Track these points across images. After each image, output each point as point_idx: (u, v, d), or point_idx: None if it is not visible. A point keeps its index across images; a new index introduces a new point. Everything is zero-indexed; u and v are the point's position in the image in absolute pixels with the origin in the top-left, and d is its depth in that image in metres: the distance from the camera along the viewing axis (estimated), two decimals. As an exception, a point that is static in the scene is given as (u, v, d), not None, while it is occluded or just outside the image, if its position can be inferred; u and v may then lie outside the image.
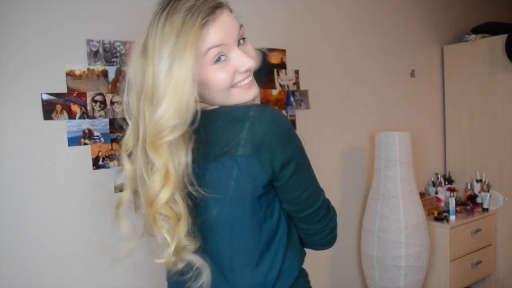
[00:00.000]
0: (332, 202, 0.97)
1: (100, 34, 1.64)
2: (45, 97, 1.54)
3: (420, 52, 2.88)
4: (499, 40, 2.67)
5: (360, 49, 2.52)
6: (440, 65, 3.03)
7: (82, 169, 1.62)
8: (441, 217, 2.54)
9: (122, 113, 1.74)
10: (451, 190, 2.78)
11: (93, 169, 1.64)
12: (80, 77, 1.61)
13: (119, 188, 1.69)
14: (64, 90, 1.58)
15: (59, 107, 1.56)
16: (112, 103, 1.68)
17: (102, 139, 1.66)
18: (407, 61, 2.80)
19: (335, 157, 2.43)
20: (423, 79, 2.90)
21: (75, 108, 1.60)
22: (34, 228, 1.53)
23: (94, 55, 1.63)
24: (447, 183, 2.88)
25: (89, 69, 1.63)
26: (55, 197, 1.57)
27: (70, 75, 1.59)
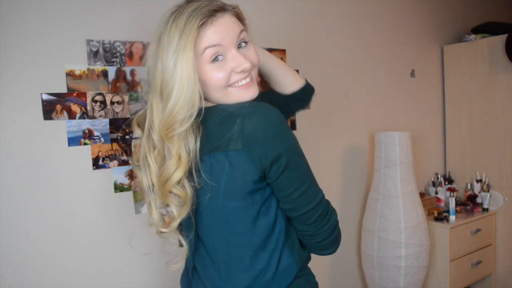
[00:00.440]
0: (332, 202, 0.96)
1: (100, 34, 1.64)
2: (45, 97, 1.54)
3: (420, 52, 2.88)
4: (499, 40, 2.67)
5: (360, 49, 2.52)
6: (440, 65, 3.03)
7: (82, 169, 1.62)
8: (441, 217, 2.54)
9: (122, 113, 1.76)
10: (451, 190, 2.78)
11: (93, 169, 1.64)
12: (80, 77, 1.61)
13: (119, 188, 1.69)
14: (64, 90, 1.58)
15: (59, 107, 1.56)
16: (112, 103, 1.68)
17: (102, 139, 1.66)
18: (407, 61, 2.80)
19: (335, 157, 2.43)
20: (423, 79, 2.90)
21: (75, 108, 1.60)
22: (34, 228, 1.53)
23: (94, 55, 1.63)
24: (447, 183, 2.88)
25: (89, 69, 1.63)
26: (55, 197, 1.57)
27: (70, 75, 1.59)
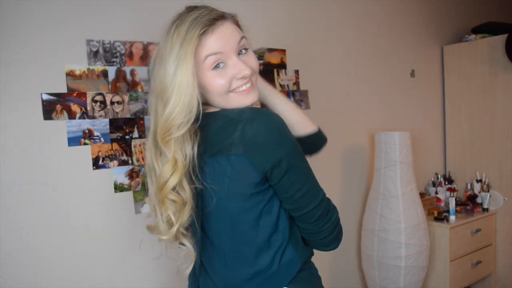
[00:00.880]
0: (332, 202, 0.99)
1: (100, 34, 1.64)
2: (45, 97, 1.54)
3: (420, 52, 2.88)
4: (499, 40, 2.67)
5: (360, 49, 2.52)
6: (440, 65, 3.03)
7: (82, 169, 1.62)
8: (441, 217, 2.54)
9: (122, 113, 1.76)
10: (451, 190, 2.78)
11: (93, 169, 1.64)
12: (80, 77, 1.61)
13: (119, 188, 1.69)
14: (64, 90, 1.58)
15: (59, 107, 1.56)
16: (112, 103, 1.68)
17: (102, 139, 1.66)
18: (407, 61, 2.80)
19: (335, 157, 2.43)
20: (423, 79, 2.90)
21: (75, 108, 1.60)
22: (34, 228, 1.53)
23: (94, 55, 1.63)
24: (447, 183, 2.88)
25: (89, 69, 1.63)
26: (55, 197, 1.57)
27: (70, 75, 1.59)
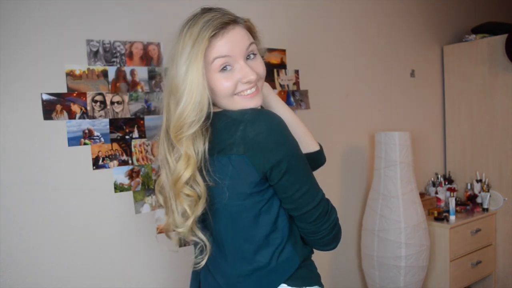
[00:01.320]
0: (332, 202, 0.99)
1: (100, 34, 1.64)
2: (45, 97, 1.54)
3: (420, 52, 2.88)
4: (499, 40, 2.67)
5: (360, 49, 2.52)
6: (440, 65, 3.03)
7: (82, 169, 1.62)
8: (441, 217, 2.54)
9: (122, 113, 1.76)
10: (451, 190, 2.78)
11: (93, 169, 1.64)
12: (80, 77, 1.61)
13: (119, 188, 1.69)
14: (64, 90, 1.58)
15: (59, 107, 1.56)
16: (112, 103, 1.68)
17: (102, 139, 1.66)
18: (407, 61, 2.80)
19: (335, 157, 2.43)
20: (423, 79, 2.90)
21: (75, 108, 1.60)
22: (34, 228, 1.53)
23: (94, 55, 1.63)
24: (447, 183, 2.88)
25: (89, 69, 1.63)
26: (55, 197, 1.57)
27: (70, 75, 1.59)
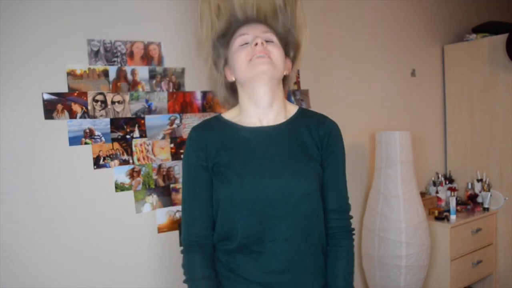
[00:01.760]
0: None
1: (101, 33, 1.64)
2: (46, 96, 1.54)
3: (420, 51, 2.88)
4: (500, 39, 2.66)
5: (360, 48, 2.52)
6: (440, 65, 3.02)
7: (83, 168, 1.62)
8: (441, 216, 2.54)
9: (123, 113, 1.77)
10: (452, 189, 2.78)
11: (94, 168, 1.65)
12: (81, 76, 1.61)
13: (119, 187, 1.70)
14: (65, 89, 1.58)
15: (60, 106, 1.57)
16: (113, 102, 1.68)
17: (103, 139, 1.66)
18: (407, 61, 2.80)
19: (336, 157, 2.42)
20: (423, 78, 2.90)
21: (76, 107, 1.60)
22: (34, 228, 1.53)
23: (95, 55, 1.63)
24: (447, 182, 2.88)
25: (90, 69, 1.63)
26: (55, 196, 1.57)
27: (71, 74, 1.59)
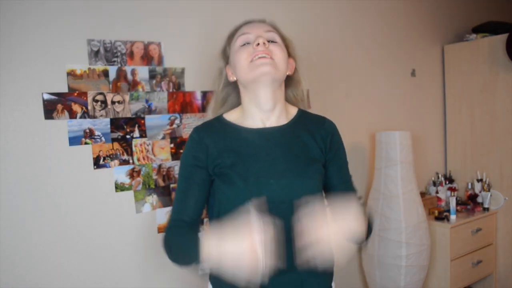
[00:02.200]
0: None
1: (101, 33, 1.64)
2: (46, 96, 1.54)
3: (420, 51, 2.88)
4: (500, 39, 2.66)
5: (360, 49, 2.52)
6: (440, 65, 3.02)
7: (83, 168, 1.62)
8: (441, 216, 2.54)
9: (123, 113, 1.77)
10: (452, 189, 2.78)
11: (94, 168, 1.65)
12: (81, 76, 1.61)
13: (119, 187, 1.70)
14: (65, 89, 1.58)
15: (60, 106, 1.57)
16: (113, 102, 1.68)
17: (103, 139, 1.66)
18: (407, 61, 2.80)
19: (336, 157, 2.42)
20: (423, 78, 2.90)
21: (76, 107, 1.60)
22: (34, 228, 1.53)
23: (95, 55, 1.63)
24: (447, 182, 2.88)
25: (90, 69, 1.63)
26: (55, 196, 1.57)
27: (71, 74, 1.59)
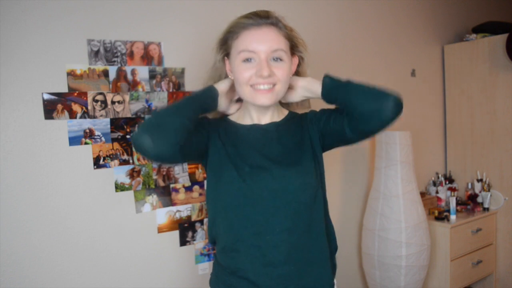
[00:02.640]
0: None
1: (101, 33, 1.64)
2: (46, 96, 1.54)
3: (420, 51, 2.88)
4: (500, 39, 2.66)
5: (360, 49, 2.52)
6: (440, 65, 3.02)
7: (82, 168, 1.62)
8: (441, 216, 2.54)
9: (123, 113, 1.77)
10: (452, 189, 2.78)
11: (94, 168, 1.65)
12: (81, 76, 1.61)
13: (120, 187, 1.70)
14: (65, 89, 1.58)
15: (60, 106, 1.57)
16: (113, 102, 1.68)
17: (103, 139, 1.66)
18: (407, 61, 2.80)
19: (336, 156, 2.43)
20: (423, 78, 2.90)
21: (76, 107, 1.60)
22: (34, 228, 1.53)
23: (95, 55, 1.63)
24: (447, 182, 2.88)
25: (90, 69, 1.63)
26: (55, 196, 1.57)
27: (71, 74, 1.59)
